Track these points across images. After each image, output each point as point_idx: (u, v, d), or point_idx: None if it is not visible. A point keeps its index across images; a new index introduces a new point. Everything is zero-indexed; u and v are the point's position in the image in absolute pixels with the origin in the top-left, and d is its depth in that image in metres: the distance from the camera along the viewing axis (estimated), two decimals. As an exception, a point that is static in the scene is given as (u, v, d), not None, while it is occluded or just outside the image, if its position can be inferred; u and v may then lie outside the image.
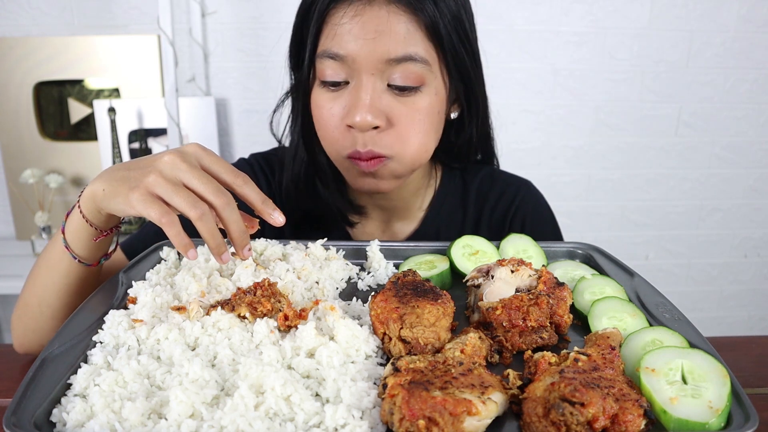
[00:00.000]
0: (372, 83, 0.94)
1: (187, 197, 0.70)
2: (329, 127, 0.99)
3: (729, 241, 2.69)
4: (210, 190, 0.72)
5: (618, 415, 0.55)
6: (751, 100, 2.47)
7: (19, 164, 2.27)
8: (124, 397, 0.60)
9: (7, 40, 2.18)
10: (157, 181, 0.71)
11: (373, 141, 0.96)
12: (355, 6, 0.92)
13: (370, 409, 0.60)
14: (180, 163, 0.72)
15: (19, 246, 2.34)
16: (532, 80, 2.38)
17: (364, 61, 0.92)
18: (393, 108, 0.95)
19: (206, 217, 0.70)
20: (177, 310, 0.74)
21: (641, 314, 0.75)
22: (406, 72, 0.93)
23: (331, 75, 0.95)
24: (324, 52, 0.95)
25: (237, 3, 2.22)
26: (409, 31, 0.92)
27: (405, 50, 0.92)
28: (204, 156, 0.76)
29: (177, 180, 0.72)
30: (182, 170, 0.72)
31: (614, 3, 2.30)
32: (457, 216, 1.21)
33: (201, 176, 0.72)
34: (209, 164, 0.76)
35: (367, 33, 0.91)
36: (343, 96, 0.96)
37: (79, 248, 0.85)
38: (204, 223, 0.70)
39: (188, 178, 0.72)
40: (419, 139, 0.99)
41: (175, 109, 2.05)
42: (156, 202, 0.70)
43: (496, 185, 1.22)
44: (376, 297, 0.74)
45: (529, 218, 1.20)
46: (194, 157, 0.75)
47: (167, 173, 0.71)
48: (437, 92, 0.98)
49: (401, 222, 1.21)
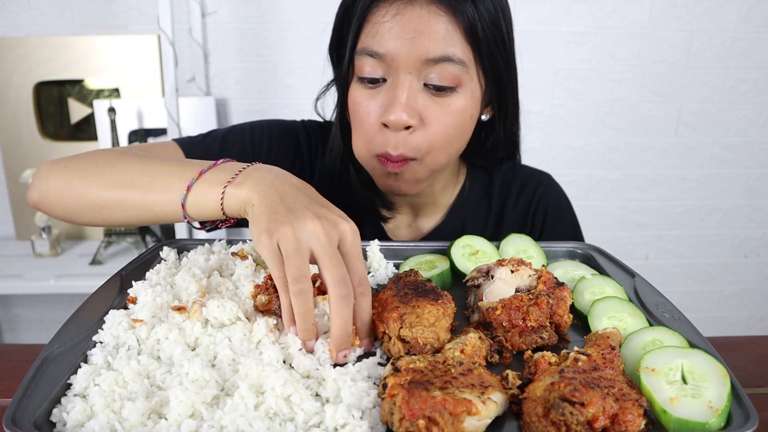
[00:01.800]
0: (409, 82, 0.94)
1: (298, 268, 0.65)
2: (364, 124, 1.00)
3: (729, 241, 2.69)
4: (337, 275, 0.66)
5: (618, 415, 0.55)
6: (751, 100, 2.47)
7: (19, 164, 2.27)
8: (124, 397, 0.60)
9: (7, 40, 2.18)
10: (288, 238, 0.66)
11: (405, 142, 0.97)
12: (396, 5, 0.94)
13: (370, 409, 0.60)
14: (321, 234, 0.66)
15: (19, 246, 2.34)
16: (532, 80, 2.38)
17: (402, 59, 0.93)
18: (428, 108, 0.96)
19: (305, 296, 0.65)
20: (177, 310, 0.74)
21: (641, 314, 0.75)
22: (443, 72, 0.94)
23: (369, 72, 0.96)
24: (363, 49, 0.96)
25: (237, 3, 2.22)
26: (448, 32, 0.93)
27: (443, 50, 0.93)
28: (348, 242, 0.69)
29: (303, 246, 0.66)
30: (319, 242, 0.66)
31: (614, 3, 2.30)
32: (482, 209, 1.23)
33: (333, 256, 0.66)
34: (346, 253, 0.69)
35: (406, 32, 0.92)
36: (380, 93, 0.97)
37: (198, 214, 0.79)
38: (301, 301, 0.65)
39: (320, 251, 0.66)
40: (449, 141, 1.00)
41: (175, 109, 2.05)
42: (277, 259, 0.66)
43: (517, 178, 1.24)
44: (376, 296, 0.74)
45: (551, 210, 1.23)
46: (339, 236, 0.68)
47: (301, 234, 0.66)
48: (473, 95, 0.99)
49: (428, 217, 1.22)
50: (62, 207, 0.89)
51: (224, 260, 0.89)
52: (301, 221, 0.67)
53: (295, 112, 2.21)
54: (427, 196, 1.18)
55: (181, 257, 0.93)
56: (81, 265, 2.20)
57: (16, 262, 2.22)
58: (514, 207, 1.23)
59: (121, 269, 0.88)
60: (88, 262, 2.21)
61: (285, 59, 2.29)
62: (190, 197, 0.78)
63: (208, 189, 0.77)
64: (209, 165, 0.80)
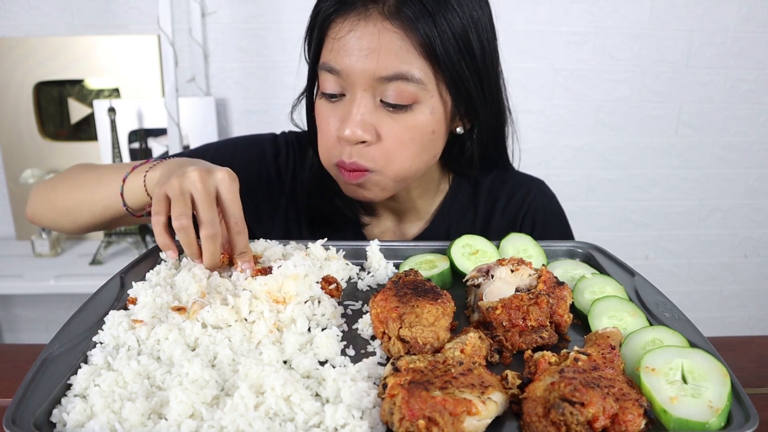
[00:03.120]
0: (365, 99, 0.94)
1: (181, 208, 0.80)
2: (324, 135, 1.00)
3: (729, 241, 2.69)
4: (205, 217, 0.80)
5: (618, 414, 0.55)
6: (751, 100, 2.47)
7: (19, 164, 2.27)
8: (124, 397, 0.60)
9: (7, 40, 2.18)
10: (173, 186, 0.81)
11: (359, 154, 0.96)
12: (350, 21, 0.92)
13: (370, 409, 0.60)
14: (198, 183, 0.81)
15: (19, 246, 2.34)
16: (532, 80, 2.38)
17: (356, 76, 0.92)
18: (384, 124, 0.95)
19: (185, 231, 0.81)
20: (177, 311, 0.74)
21: (641, 313, 0.75)
22: (398, 90, 0.92)
23: (329, 87, 0.97)
24: (323, 64, 0.96)
25: (237, 3, 2.22)
26: (402, 49, 0.90)
27: (396, 68, 0.91)
28: (226, 188, 0.83)
29: (185, 191, 0.81)
30: (196, 190, 0.81)
31: (614, 3, 2.30)
32: (468, 216, 1.21)
33: (206, 201, 0.81)
34: (224, 197, 0.83)
35: (360, 50, 0.91)
36: (339, 108, 0.97)
37: (131, 201, 0.97)
38: (182, 234, 0.81)
39: (196, 197, 0.81)
40: (406, 157, 0.98)
41: (175, 109, 2.05)
42: (162, 202, 0.82)
43: (507, 185, 1.22)
44: (376, 296, 0.74)
45: (540, 217, 1.20)
46: (216, 183, 0.83)
47: (184, 183, 0.81)
48: (433, 111, 0.96)
49: (411, 223, 1.21)
50: (47, 218, 1.11)
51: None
52: (186, 174, 0.81)
53: (295, 112, 2.21)
54: (404, 201, 1.17)
55: (181, 257, 0.93)
56: (81, 265, 2.20)
57: (16, 262, 2.23)
58: (502, 214, 1.21)
59: (122, 270, 0.88)
60: (88, 262, 2.21)
61: (285, 59, 2.29)
62: (125, 187, 0.97)
63: (135, 177, 0.96)
64: (141, 162, 0.99)
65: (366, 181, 0.99)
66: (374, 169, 0.98)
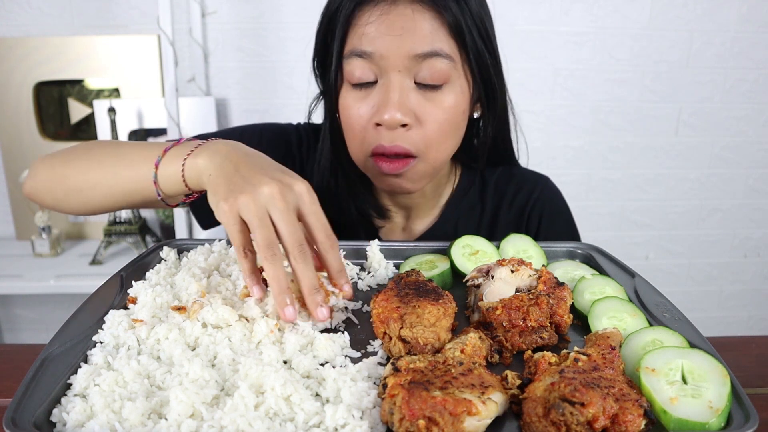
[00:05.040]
0: (400, 81, 0.95)
1: (266, 237, 0.68)
2: (357, 127, 1.00)
3: (729, 241, 2.69)
4: (292, 241, 0.70)
5: (618, 415, 0.55)
6: (751, 100, 2.47)
7: (19, 164, 2.27)
8: (124, 397, 0.60)
9: (7, 40, 2.18)
10: (248, 206, 0.69)
11: (402, 137, 0.97)
12: (380, 6, 0.95)
13: (370, 409, 0.60)
14: (278, 200, 0.69)
15: (19, 246, 2.34)
16: (532, 80, 2.38)
17: (391, 57, 0.94)
18: (421, 106, 0.97)
19: (275, 261, 0.68)
20: (177, 310, 0.74)
21: (641, 314, 0.75)
22: (432, 68, 0.95)
23: (359, 75, 0.97)
24: (352, 51, 0.97)
25: (237, 3, 2.22)
26: (433, 28, 0.95)
27: (431, 46, 0.94)
28: (307, 202, 0.73)
29: (265, 213, 0.69)
30: (276, 208, 0.69)
31: (614, 3, 2.30)
32: (476, 211, 1.23)
33: (290, 222, 0.70)
34: (307, 213, 0.73)
35: (393, 30, 0.94)
36: (372, 96, 0.98)
37: (166, 188, 0.85)
38: (271, 265, 0.68)
39: (277, 217, 0.69)
40: (445, 138, 1.01)
41: (175, 109, 2.05)
42: (238, 226, 0.70)
43: (513, 180, 1.24)
44: (377, 296, 0.74)
45: (547, 213, 1.22)
46: (296, 198, 0.72)
47: (260, 202, 0.69)
48: (462, 90, 1.00)
49: (420, 219, 1.22)
50: (50, 195, 0.97)
51: (224, 260, 0.89)
52: (258, 188, 0.69)
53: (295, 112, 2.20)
54: (419, 196, 1.18)
55: (181, 257, 0.93)
56: (81, 265, 2.20)
57: (16, 262, 2.22)
58: (509, 209, 1.23)
59: (121, 269, 0.87)
60: (88, 262, 2.21)
61: (285, 59, 2.29)
62: (158, 174, 0.84)
63: (171, 163, 0.82)
64: (173, 143, 0.85)
65: (408, 170, 1.00)
66: (417, 153, 0.99)
